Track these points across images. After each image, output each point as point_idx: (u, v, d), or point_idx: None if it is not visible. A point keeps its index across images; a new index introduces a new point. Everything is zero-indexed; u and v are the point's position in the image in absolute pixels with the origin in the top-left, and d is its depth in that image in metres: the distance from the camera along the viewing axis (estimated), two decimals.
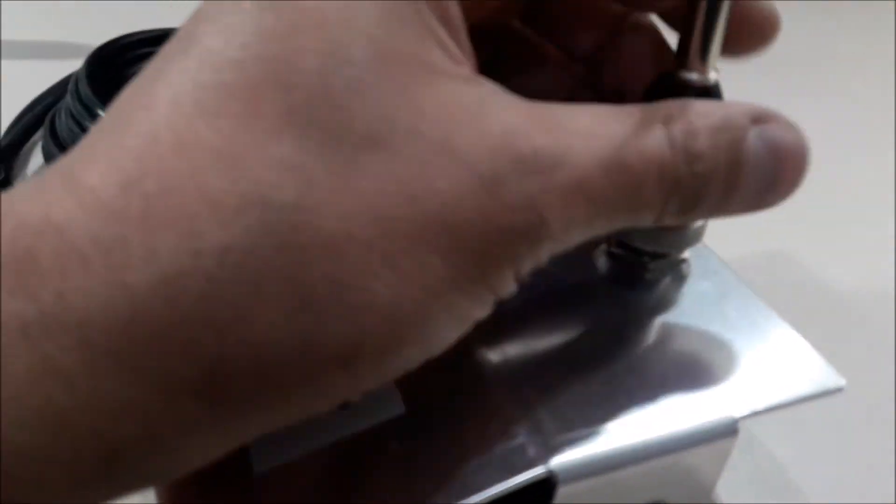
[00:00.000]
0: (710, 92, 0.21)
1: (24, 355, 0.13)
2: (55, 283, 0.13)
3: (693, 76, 0.21)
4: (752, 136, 0.19)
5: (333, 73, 0.15)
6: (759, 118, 0.19)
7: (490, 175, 0.16)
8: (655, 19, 0.24)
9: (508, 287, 0.17)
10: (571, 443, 0.20)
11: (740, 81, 0.28)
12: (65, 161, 0.15)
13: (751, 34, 0.22)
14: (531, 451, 0.19)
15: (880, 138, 0.49)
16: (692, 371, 0.23)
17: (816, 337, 0.24)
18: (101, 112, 0.36)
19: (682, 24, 0.21)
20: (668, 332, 0.24)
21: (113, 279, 0.13)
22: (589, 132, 0.17)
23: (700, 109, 0.18)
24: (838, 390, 0.23)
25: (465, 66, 0.17)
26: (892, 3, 0.64)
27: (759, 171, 0.19)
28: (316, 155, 0.14)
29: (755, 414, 0.22)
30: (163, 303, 0.13)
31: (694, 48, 0.21)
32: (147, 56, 0.40)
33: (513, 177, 0.16)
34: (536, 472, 0.19)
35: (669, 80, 0.21)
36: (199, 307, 0.14)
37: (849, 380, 0.23)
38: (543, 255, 0.17)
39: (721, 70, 0.21)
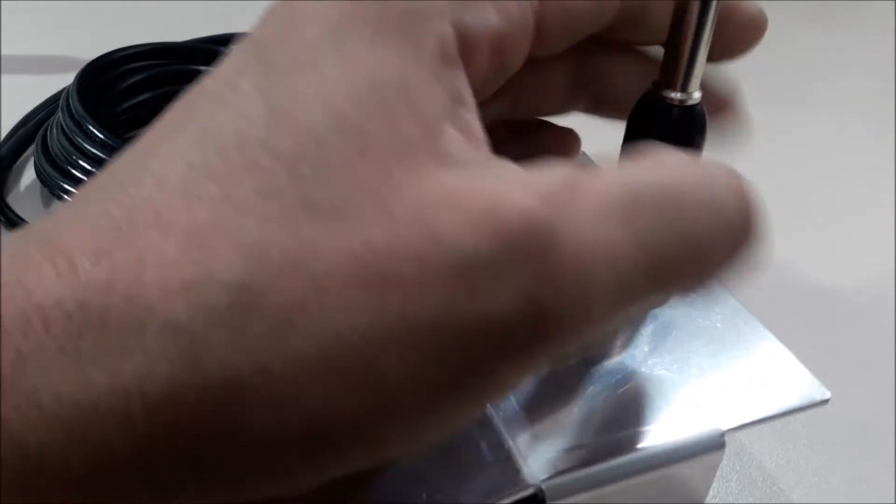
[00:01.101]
0: (694, 111, 0.22)
1: None
2: (16, 343, 0.13)
3: (677, 95, 0.21)
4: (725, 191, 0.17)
5: (304, 156, 0.15)
6: (733, 176, 0.17)
7: (468, 258, 0.14)
8: None
9: (498, 394, 0.15)
10: (559, 460, 0.20)
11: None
12: (49, 222, 0.15)
13: (737, 37, 0.22)
14: (519, 470, 0.20)
15: (871, 142, 0.50)
16: (679, 384, 0.23)
17: (803, 344, 0.25)
18: (91, 128, 0.36)
19: (666, 44, 0.21)
20: (654, 345, 0.24)
21: (68, 344, 0.14)
22: (593, 185, 0.15)
23: (681, 164, 0.17)
24: (824, 403, 0.23)
25: (459, 146, 0.16)
26: (890, 6, 0.65)
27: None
28: (274, 234, 0.14)
29: (742, 427, 0.22)
30: (106, 375, 0.14)
31: (678, 68, 0.21)
32: (137, 70, 0.40)
33: (497, 257, 0.14)
34: (525, 491, 0.19)
35: (654, 101, 0.22)
36: (134, 382, 0.14)
37: (836, 388, 0.23)
38: (548, 355, 0.15)
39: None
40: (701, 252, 0.16)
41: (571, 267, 0.14)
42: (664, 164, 0.16)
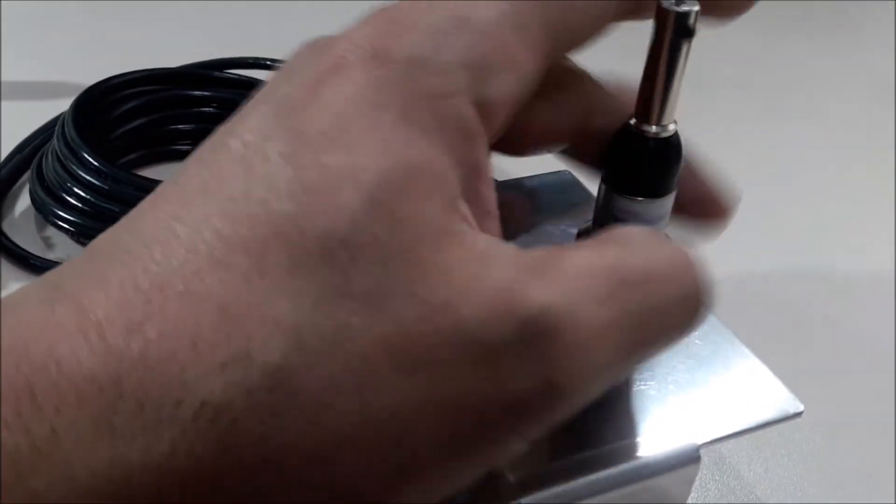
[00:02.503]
0: (669, 143, 0.23)
1: (15, 490, 0.14)
2: (50, 418, 0.14)
3: (652, 129, 0.22)
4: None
5: (336, 236, 0.15)
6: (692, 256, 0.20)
7: (492, 343, 0.15)
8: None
9: (508, 458, 0.17)
10: (535, 476, 0.21)
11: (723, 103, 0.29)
12: (74, 281, 0.15)
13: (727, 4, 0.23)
14: (498, 485, 0.21)
15: (851, 155, 0.51)
16: (656, 399, 0.24)
17: (779, 355, 0.26)
18: (86, 155, 0.36)
19: (641, 79, 0.22)
20: None
21: (101, 419, 0.14)
22: (589, 267, 0.17)
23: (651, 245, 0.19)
24: (798, 415, 0.24)
25: (475, 225, 0.17)
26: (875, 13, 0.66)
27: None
28: (310, 316, 0.15)
29: (717, 441, 0.23)
30: (139, 451, 0.14)
31: (653, 103, 0.22)
32: (132, 97, 0.41)
33: (516, 343, 0.16)
34: None
35: (631, 134, 0.23)
36: (167, 459, 0.14)
37: (812, 399, 0.24)
38: (554, 423, 0.17)
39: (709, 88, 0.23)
40: (671, 324, 0.18)
41: (576, 349, 0.16)
42: (638, 247, 0.18)
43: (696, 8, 0.21)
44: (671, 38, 0.21)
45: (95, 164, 0.36)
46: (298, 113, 0.17)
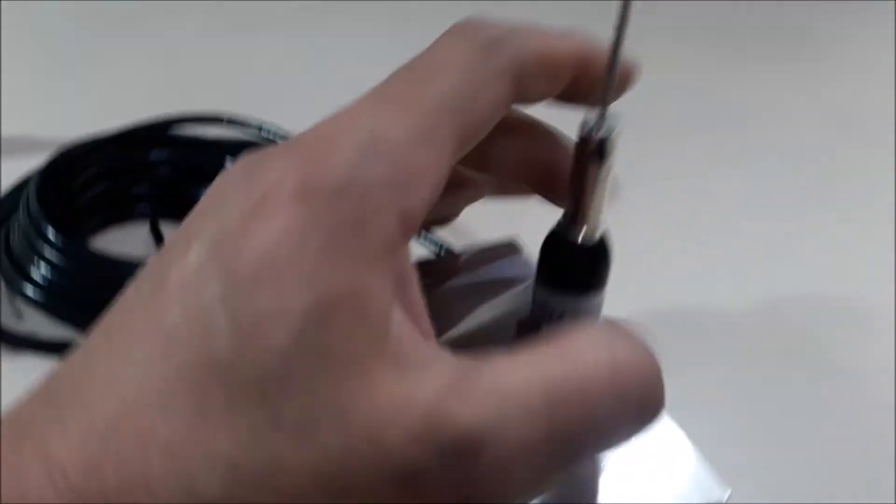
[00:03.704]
0: (596, 249, 0.24)
1: None
2: None
3: (580, 237, 0.24)
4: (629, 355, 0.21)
5: (269, 375, 0.17)
6: (635, 335, 0.21)
7: (414, 468, 0.17)
8: None
9: None
10: None
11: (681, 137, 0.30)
12: (39, 428, 0.17)
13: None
14: None
15: (816, 189, 0.52)
16: (579, 475, 0.25)
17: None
18: (49, 233, 0.38)
19: (569, 190, 0.24)
20: None
21: None
22: (526, 382, 0.18)
23: (633, 335, 0.20)
24: (724, 500, 0.26)
25: (402, 338, 0.19)
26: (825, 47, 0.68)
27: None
28: (247, 450, 0.17)
29: None
30: None
31: (580, 215, 0.24)
32: (95, 162, 0.42)
33: (438, 466, 0.17)
34: None
35: (561, 240, 0.24)
36: None
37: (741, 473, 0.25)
38: None
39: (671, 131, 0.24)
40: (605, 435, 0.19)
41: (499, 469, 0.17)
42: (576, 354, 0.19)
43: (612, 134, 0.22)
44: (591, 161, 0.23)
45: (58, 241, 0.38)
46: (231, 253, 0.18)
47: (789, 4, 0.74)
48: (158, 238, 0.43)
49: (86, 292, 0.37)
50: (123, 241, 0.43)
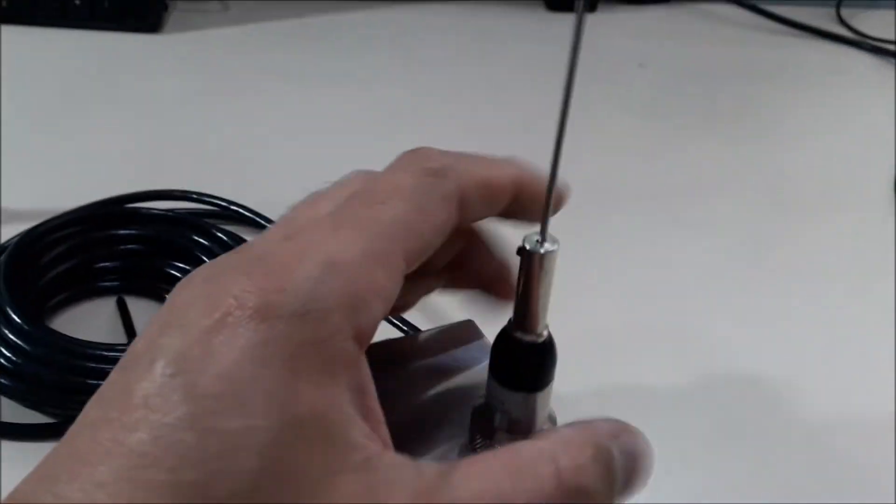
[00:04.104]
0: (543, 348, 0.26)
1: None
2: None
3: (526, 337, 0.25)
4: (616, 453, 0.23)
5: (236, 498, 0.18)
6: (617, 433, 0.23)
7: None
8: None
9: None
10: None
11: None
12: None
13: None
14: None
15: (750, 261, 0.54)
16: None
17: None
18: (13, 317, 0.38)
19: (515, 294, 0.25)
20: None
21: None
22: (480, 495, 0.20)
23: (576, 440, 0.22)
24: None
25: (364, 449, 0.20)
26: (769, 121, 0.70)
27: (621, 477, 0.22)
28: None
29: None
30: None
31: (526, 317, 0.25)
32: (60, 241, 0.43)
33: None
34: None
35: (510, 339, 0.26)
36: None
37: None
38: None
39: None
40: None
41: None
42: (524, 467, 0.21)
43: (555, 248, 0.24)
44: (535, 271, 0.24)
45: (23, 326, 0.38)
46: (195, 372, 0.19)
47: (728, 81, 0.76)
48: (125, 313, 0.44)
49: (51, 377, 0.37)
50: (89, 317, 0.44)
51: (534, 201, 0.25)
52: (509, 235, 0.27)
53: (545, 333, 0.25)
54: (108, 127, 0.63)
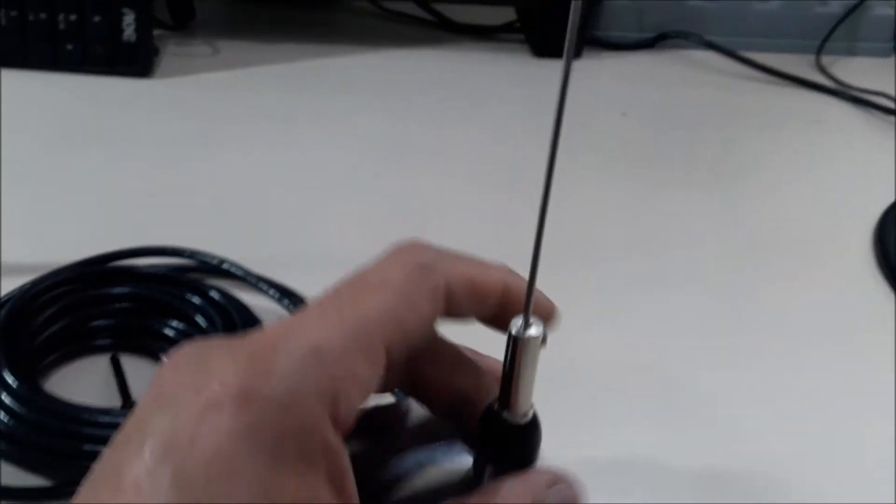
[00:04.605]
0: (527, 427, 0.27)
1: None
2: None
3: (511, 417, 0.26)
4: (551, 498, 0.24)
5: None
6: (553, 482, 0.25)
7: None
8: None
9: None
10: None
11: None
12: None
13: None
14: None
15: (732, 317, 0.55)
16: None
17: None
18: (8, 379, 0.39)
19: (501, 376, 0.26)
20: None
21: None
22: None
23: (517, 491, 0.24)
24: None
25: None
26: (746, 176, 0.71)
27: None
28: None
29: None
30: None
31: (511, 398, 0.26)
32: (53, 301, 0.44)
33: None
34: None
35: (496, 418, 0.26)
36: None
37: None
38: None
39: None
40: None
41: None
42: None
43: (539, 333, 0.25)
44: (520, 355, 0.25)
45: (17, 388, 0.39)
46: (182, 456, 0.20)
47: (709, 130, 0.78)
48: (119, 372, 0.44)
49: (45, 442, 0.38)
50: (84, 375, 0.45)
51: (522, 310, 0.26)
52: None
53: (531, 413, 0.26)
54: (98, 176, 0.63)
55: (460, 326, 0.28)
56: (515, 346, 0.25)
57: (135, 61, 0.77)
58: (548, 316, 0.28)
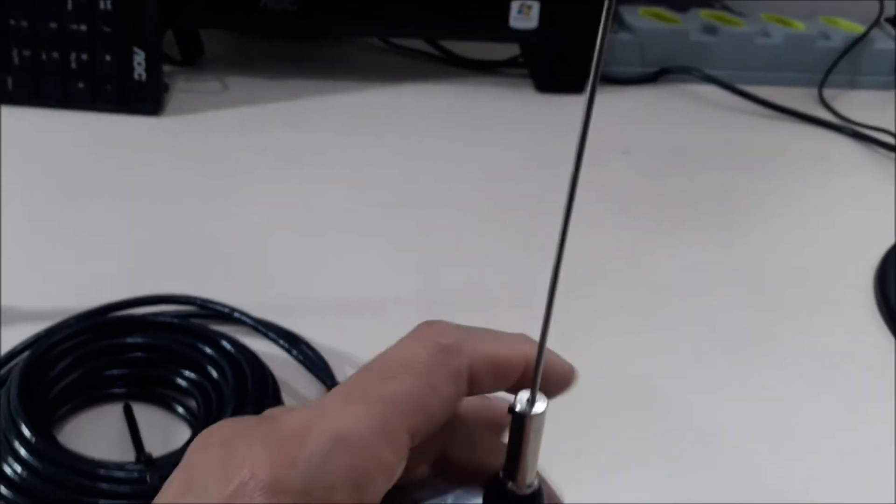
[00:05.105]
0: (532, 497, 0.27)
1: None
2: None
3: (516, 489, 0.27)
4: None
5: None
6: None
7: None
8: None
9: None
10: None
11: None
12: None
13: (552, 386, 0.28)
14: None
15: (730, 357, 0.56)
16: None
17: None
18: (24, 431, 0.40)
19: (506, 450, 0.27)
20: None
21: None
22: None
23: None
24: None
25: None
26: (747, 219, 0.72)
27: None
28: None
29: None
30: None
31: (517, 471, 0.27)
32: (68, 352, 0.45)
33: None
34: None
35: (501, 489, 0.27)
36: None
37: None
38: None
39: None
40: None
41: None
42: None
43: (544, 409, 0.26)
44: (525, 430, 0.26)
45: (33, 440, 0.40)
46: None
47: (711, 168, 0.78)
48: (131, 420, 0.45)
49: (58, 496, 0.39)
50: (97, 424, 0.46)
51: (544, 380, 0.26)
52: None
53: (535, 484, 0.27)
54: (108, 219, 0.64)
55: None
56: (521, 423, 0.26)
57: (145, 99, 0.78)
58: (566, 381, 0.28)
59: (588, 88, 0.22)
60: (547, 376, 0.26)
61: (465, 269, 0.61)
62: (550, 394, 0.27)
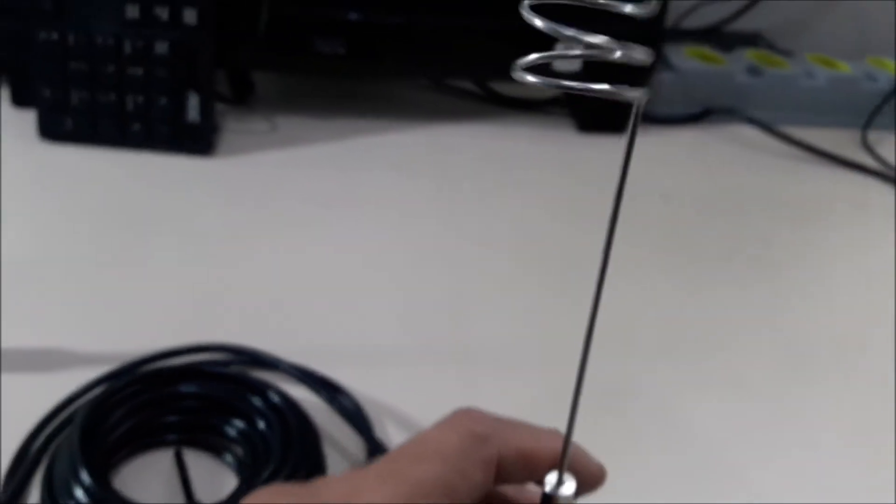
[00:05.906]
0: None
1: None
2: None
3: None
4: None
5: None
6: None
7: None
8: None
9: None
10: None
11: None
12: None
13: (582, 484, 0.29)
14: None
15: (768, 421, 0.57)
16: None
17: None
18: (83, 477, 0.42)
19: None
20: None
21: None
22: None
23: None
24: None
25: None
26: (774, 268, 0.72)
27: None
28: None
29: None
30: None
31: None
32: (125, 401, 0.47)
33: None
34: None
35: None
36: None
37: None
38: None
39: None
40: None
41: None
42: None
43: (572, 492, 0.28)
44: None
45: (91, 487, 0.42)
46: None
47: (750, 217, 0.79)
48: (182, 467, 0.47)
49: None
50: (150, 470, 0.48)
51: (574, 474, 0.28)
52: None
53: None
54: (158, 260, 0.67)
55: None
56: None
57: (197, 140, 0.81)
58: (596, 480, 0.30)
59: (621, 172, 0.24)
60: (577, 474, 0.28)
61: (500, 318, 0.62)
62: (580, 491, 0.28)
